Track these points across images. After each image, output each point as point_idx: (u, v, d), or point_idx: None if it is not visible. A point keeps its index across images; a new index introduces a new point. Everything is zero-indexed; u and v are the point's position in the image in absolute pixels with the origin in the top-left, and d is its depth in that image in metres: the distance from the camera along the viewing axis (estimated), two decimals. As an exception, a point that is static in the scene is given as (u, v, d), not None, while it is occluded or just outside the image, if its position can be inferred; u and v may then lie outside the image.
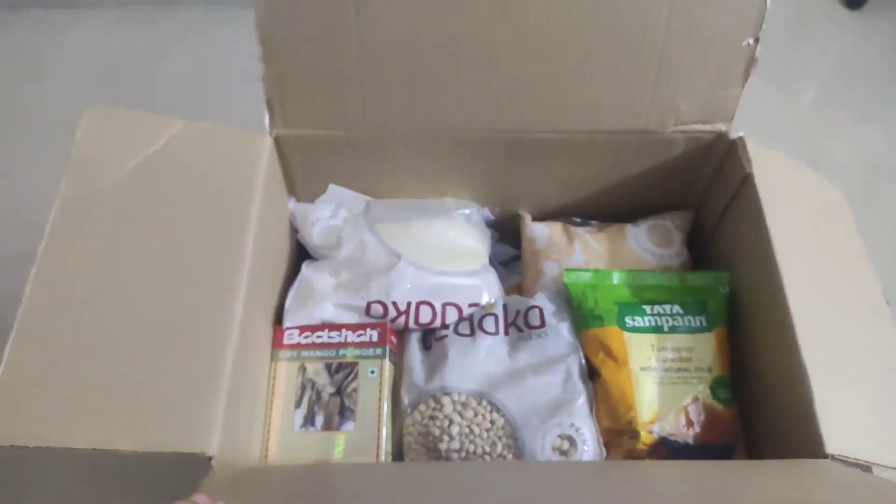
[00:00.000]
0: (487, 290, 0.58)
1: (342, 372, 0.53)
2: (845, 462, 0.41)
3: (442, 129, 0.56)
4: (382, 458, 0.50)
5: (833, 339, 0.46)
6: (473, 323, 0.56)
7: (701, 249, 0.64)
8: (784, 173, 0.54)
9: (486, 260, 0.62)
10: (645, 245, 0.61)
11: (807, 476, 0.42)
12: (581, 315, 0.55)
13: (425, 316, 0.56)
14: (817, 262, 0.49)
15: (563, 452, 0.49)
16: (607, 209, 0.64)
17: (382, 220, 0.59)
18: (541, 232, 0.62)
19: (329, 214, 0.60)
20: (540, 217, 0.65)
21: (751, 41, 0.50)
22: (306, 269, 0.58)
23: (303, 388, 0.53)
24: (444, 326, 0.57)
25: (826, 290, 0.48)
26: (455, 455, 0.50)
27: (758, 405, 0.52)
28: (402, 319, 0.56)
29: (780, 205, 0.51)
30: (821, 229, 0.52)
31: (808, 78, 1.19)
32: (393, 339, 0.56)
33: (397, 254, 0.56)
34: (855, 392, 0.44)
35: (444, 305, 0.56)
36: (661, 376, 0.51)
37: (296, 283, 0.57)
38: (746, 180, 0.53)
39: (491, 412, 0.51)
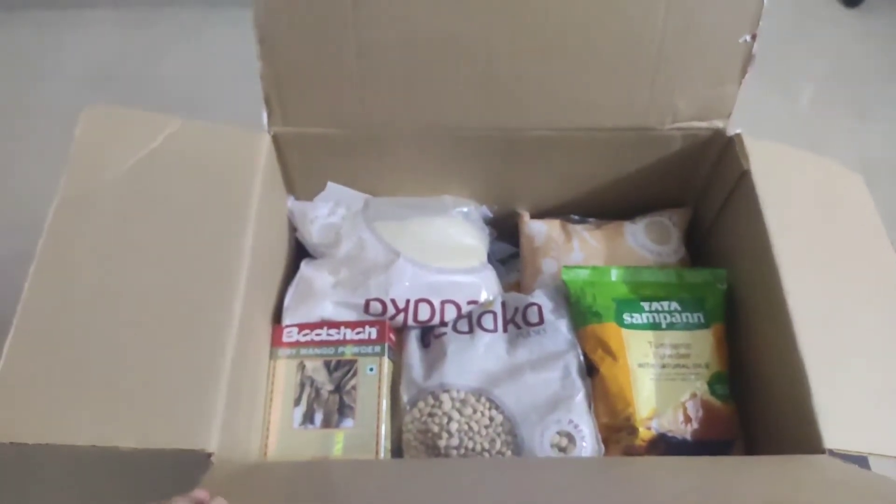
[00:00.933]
0: (486, 287, 0.58)
1: (341, 369, 0.54)
2: (843, 457, 0.41)
3: (440, 127, 0.56)
4: (381, 455, 0.50)
5: (832, 333, 0.46)
6: (472, 320, 0.56)
7: (699, 246, 0.64)
8: (786, 167, 0.54)
9: (485, 257, 0.62)
10: (643, 242, 0.61)
11: (805, 472, 0.42)
12: (579, 312, 0.55)
13: (424, 313, 0.56)
14: (818, 255, 0.49)
15: (562, 449, 0.49)
16: (605, 206, 0.64)
17: (381, 218, 0.60)
18: (539, 229, 0.63)
19: (327, 212, 0.60)
20: (538, 214, 0.65)
21: (748, 38, 0.51)
22: (305, 268, 0.58)
23: (302, 385, 0.53)
24: (443, 324, 0.57)
25: (826, 283, 0.48)
26: (454, 452, 0.50)
27: (756, 401, 0.52)
28: (400, 317, 0.56)
29: (779, 200, 0.51)
30: (825, 222, 0.52)
31: (806, 76, 1.20)
32: (391, 336, 0.56)
33: (396, 251, 0.57)
34: (854, 386, 0.44)
35: (442, 303, 0.56)
36: (658, 373, 0.51)
37: (295, 282, 0.58)
38: (744, 176, 0.53)
39: (490, 409, 0.51)
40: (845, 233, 0.52)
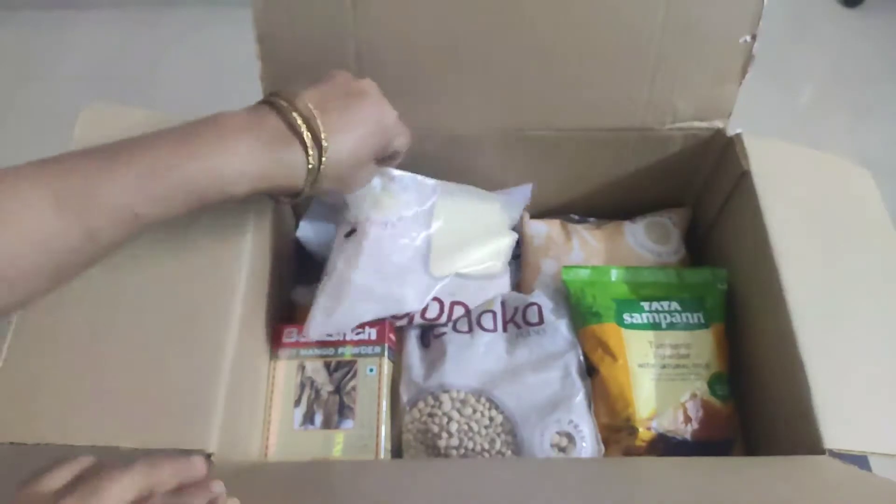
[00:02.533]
0: (497, 292, 0.57)
1: (341, 370, 0.53)
2: (843, 457, 0.41)
3: (439, 128, 0.56)
4: (381, 455, 0.50)
5: (832, 333, 0.46)
6: (472, 320, 0.56)
7: (699, 246, 0.64)
8: (787, 166, 0.54)
9: (507, 259, 0.60)
10: (643, 242, 0.61)
11: (804, 473, 0.42)
12: (579, 312, 0.55)
13: (432, 311, 0.55)
14: (819, 254, 0.49)
15: (562, 449, 0.49)
16: (605, 206, 0.64)
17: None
18: (539, 229, 0.63)
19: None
20: (538, 214, 0.65)
21: (748, 38, 0.51)
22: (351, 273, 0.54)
23: (302, 386, 0.53)
24: (449, 321, 0.56)
25: (827, 283, 0.48)
26: (454, 452, 0.50)
27: (756, 401, 0.52)
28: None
29: (779, 199, 0.51)
30: (827, 220, 0.51)
31: (806, 76, 1.20)
32: (391, 336, 0.56)
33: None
34: (854, 386, 0.44)
35: (452, 304, 0.56)
36: (658, 373, 0.51)
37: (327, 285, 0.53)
38: (744, 176, 0.53)
39: (489, 409, 0.51)
40: (848, 230, 0.52)
